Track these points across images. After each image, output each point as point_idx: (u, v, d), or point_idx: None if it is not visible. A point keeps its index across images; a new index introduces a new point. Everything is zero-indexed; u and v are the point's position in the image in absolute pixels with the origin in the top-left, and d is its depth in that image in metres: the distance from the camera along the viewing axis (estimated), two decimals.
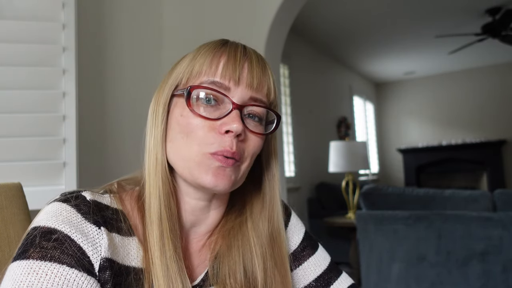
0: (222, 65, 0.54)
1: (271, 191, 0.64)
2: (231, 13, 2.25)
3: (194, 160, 0.53)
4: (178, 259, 0.52)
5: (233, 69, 0.54)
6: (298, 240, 0.69)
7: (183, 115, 0.54)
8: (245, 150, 0.55)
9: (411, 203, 2.26)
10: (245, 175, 0.58)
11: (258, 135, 0.56)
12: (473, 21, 4.54)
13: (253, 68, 0.55)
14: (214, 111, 0.54)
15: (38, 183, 1.29)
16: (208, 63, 0.55)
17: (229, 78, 0.54)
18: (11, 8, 1.31)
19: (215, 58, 0.55)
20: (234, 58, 0.55)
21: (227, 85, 0.54)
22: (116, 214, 0.54)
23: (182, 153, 0.54)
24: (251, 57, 0.56)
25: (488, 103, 6.46)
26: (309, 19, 4.34)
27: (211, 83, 0.54)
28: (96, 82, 1.79)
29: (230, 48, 0.56)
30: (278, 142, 0.71)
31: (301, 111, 4.63)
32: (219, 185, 0.53)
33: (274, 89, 0.58)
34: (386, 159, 7.40)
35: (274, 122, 0.59)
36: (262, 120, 0.57)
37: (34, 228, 0.47)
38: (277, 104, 0.60)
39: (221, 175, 0.53)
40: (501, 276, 1.95)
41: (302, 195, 4.45)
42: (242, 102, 0.54)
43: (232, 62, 0.54)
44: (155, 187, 0.54)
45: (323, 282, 0.67)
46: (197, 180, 0.53)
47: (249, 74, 0.55)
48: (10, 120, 1.27)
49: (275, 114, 0.59)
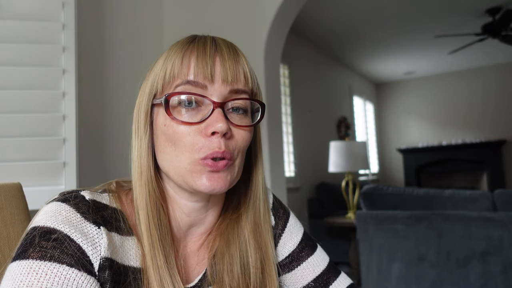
0: (193, 64, 0.53)
1: (256, 179, 0.63)
2: (231, 13, 2.25)
3: (186, 168, 0.53)
4: (170, 267, 0.53)
5: (205, 66, 0.52)
6: (296, 240, 0.69)
7: (167, 124, 0.53)
8: (235, 146, 0.54)
9: (411, 203, 2.26)
10: (240, 170, 0.57)
11: (246, 128, 0.55)
12: (473, 21, 4.54)
13: (225, 61, 0.54)
14: (196, 113, 0.53)
15: (38, 183, 1.29)
16: (179, 64, 0.53)
17: (203, 76, 0.52)
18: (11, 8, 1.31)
19: (185, 57, 0.54)
20: (204, 53, 0.53)
21: (203, 83, 0.52)
22: (115, 214, 0.54)
23: (173, 163, 0.53)
24: (221, 49, 0.55)
25: (488, 103, 6.46)
26: (309, 19, 4.34)
27: (186, 84, 0.53)
28: (96, 82, 1.79)
29: (199, 44, 0.55)
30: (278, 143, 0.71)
31: (301, 111, 4.63)
32: (216, 188, 0.53)
33: (251, 75, 0.56)
34: (386, 159, 7.40)
35: (259, 111, 0.58)
36: (247, 111, 0.56)
37: (34, 228, 0.47)
38: (258, 90, 0.58)
39: (215, 178, 0.52)
40: (501, 276, 1.95)
41: (302, 195, 4.45)
42: (222, 98, 0.53)
43: (203, 59, 0.53)
44: (141, 200, 0.54)
45: (322, 282, 0.67)
46: (193, 186, 0.53)
47: (222, 69, 0.53)
48: (10, 120, 1.27)
49: (258, 103, 0.57)
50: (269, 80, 2.19)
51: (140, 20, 2.07)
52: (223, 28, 2.25)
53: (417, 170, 6.89)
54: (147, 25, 2.11)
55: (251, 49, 2.17)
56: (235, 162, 0.55)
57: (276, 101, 2.26)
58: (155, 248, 0.52)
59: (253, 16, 2.19)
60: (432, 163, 6.79)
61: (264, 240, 0.62)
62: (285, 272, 0.68)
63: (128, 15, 1.98)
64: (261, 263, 0.61)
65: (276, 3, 2.13)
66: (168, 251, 0.54)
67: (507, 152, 6.29)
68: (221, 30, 2.24)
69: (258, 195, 0.63)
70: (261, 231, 0.62)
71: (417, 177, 6.89)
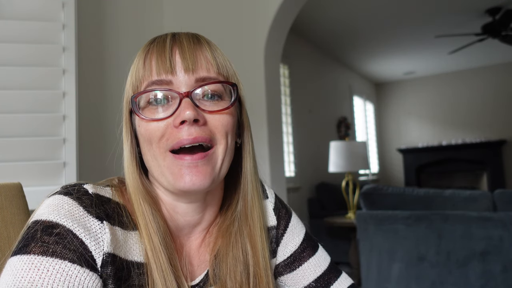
0: (154, 63, 0.53)
1: (244, 166, 0.60)
2: (231, 13, 2.25)
3: (163, 165, 0.52)
4: (175, 270, 0.53)
5: (164, 60, 0.52)
6: (298, 241, 0.68)
7: (140, 125, 0.54)
8: (214, 132, 0.53)
9: (411, 203, 2.26)
10: (226, 159, 0.55)
11: (220, 112, 0.53)
12: (473, 21, 4.54)
13: (184, 51, 0.53)
14: (167, 109, 0.52)
15: (38, 183, 1.29)
16: (142, 68, 0.53)
17: (165, 71, 0.52)
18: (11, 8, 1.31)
19: (146, 59, 0.54)
20: (163, 49, 0.53)
21: (166, 79, 0.52)
22: (118, 208, 0.53)
23: (153, 162, 0.53)
24: (180, 42, 0.54)
25: (488, 103, 6.46)
26: (309, 19, 4.34)
27: (152, 85, 0.52)
28: (96, 82, 1.79)
29: (158, 42, 0.55)
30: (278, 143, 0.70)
31: (301, 111, 4.63)
32: (196, 182, 0.51)
33: (217, 60, 0.55)
34: (386, 159, 7.40)
35: (234, 92, 0.55)
36: (223, 96, 0.54)
37: (35, 222, 0.46)
38: (230, 73, 0.56)
39: (194, 171, 0.51)
40: (501, 276, 1.95)
41: (302, 195, 4.45)
42: (189, 88, 0.52)
43: (162, 55, 0.52)
44: (137, 206, 0.54)
45: (323, 282, 0.66)
46: (175, 185, 0.52)
47: (182, 59, 0.52)
48: (10, 120, 1.27)
49: (229, 85, 0.55)
50: (269, 80, 2.19)
51: (140, 20, 2.07)
52: (223, 28, 2.25)
53: (417, 170, 6.89)
54: (147, 25, 2.11)
55: (251, 49, 2.17)
56: (217, 151, 0.53)
57: (276, 101, 2.26)
58: (156, 250, 0.51)
59: (253, 16, 2.19)
60: (432, 163, 6.79)
61: (253, 234, 0.60)
62: (287, 272, 0.67)
63: (128, 15, 1.98)
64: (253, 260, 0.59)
65: (276, 3, 2.13)
66: (171, 254, 0.53)
67: (507, 152, 6.29)
68: (221, 30, 2.24)
69: (246, 187, 0.60)
70: (250, 224, 0.60)
71: (417, 177, 6.89)
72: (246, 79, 0.61)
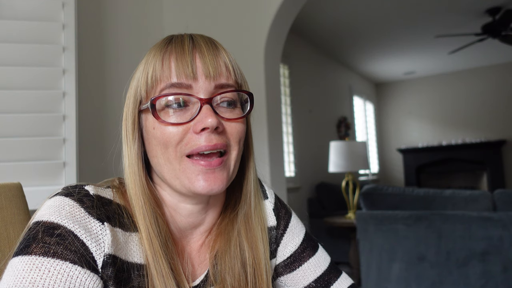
0: (173, 65, 0.52)
1: (248, 172, 0.62)
2: (231, 13, 2.25)
3: (178, 169, 0.52)
4: (176, 274, 0.53)
5: (185, 65, 0.52)
6: (298, 241, 0.68)
7: (155, 127, 0.53)
8: (230, 139, 0.54)
9: (411, 203, 2.26)
10: (237, 164, 0.56)
11: (237, 120, 0.54)
12: (473, 21, 4.54)
13: (204, 56, 0.53)
14: (184, 113, 0.52)
15: (38, 183, 1.29)
16: (160, 67, 0.53)
17: (185, 76, 0.52)
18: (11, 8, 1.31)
19: (165, 59, 0.53)
20: (183, 52, 0.53)
21: (186, 83, 0.52)
22: (119, 209, 0.53)
23: (167, 166, 0.53)
24: (200, 46, 0.54)
25: (488, 103, 6.46)
26: (309, 19, 4.34)
27: (171, 87, 0.52)
28: (96, 82, 1.79)
29: (177, 44, 0.54)
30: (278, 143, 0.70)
31: (301, 111, 4.63)
32: (214, 188, 0.52)
33: (234, 67, 0.56)
34: (386, 159, 7.40)
35: (248, 101, 0.57)
36: (237, 103, 0.55)
37: (37, 223, 0.47)
38: (243, 81, 0.58)
39: (212, 177, 0.52)
40: (501, 276, 1.95)
41: (302, 195, 4.45)
42: (209, 94, 0.52)
43: (182, 58, 0.52)
44: (138, 209, 0.54)
45: (323, 282, 0.67)
46: (191, 189, 0.52)
47: (203, 65, 0.52)
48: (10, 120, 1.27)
49: (246, 94, 0.56)
50: (269, 80, 2.19)
51: (140, 20, 2.07)
52: (223, 28, 2.25)
53: (417, 170, 6.89)
54: (147, 25, 2.11)
55: (251, 49, 2.17)
56: (230, 156, 0.54)
57: (276, 101, 2.26)
58: (157, 255, 0.51)
59: (253, 16, 2.19)
60: (432, 163, 6.79)
61: (254, 234, 0.61)
62: (287, 272, 0.67)
63: (128, 15, 1.98)
64: (253, 260, 0.60)
65: (276, 3, 2.13)
66: (171, 257, 0.53)
67: (507, 152, 6.29)
68: (221, 30, 2.24)
69: (249, 188, 0.61)
70: (251, 225, 0.61)
71: (417, 177, 6.89)
72: (246, 79, 0.61)
